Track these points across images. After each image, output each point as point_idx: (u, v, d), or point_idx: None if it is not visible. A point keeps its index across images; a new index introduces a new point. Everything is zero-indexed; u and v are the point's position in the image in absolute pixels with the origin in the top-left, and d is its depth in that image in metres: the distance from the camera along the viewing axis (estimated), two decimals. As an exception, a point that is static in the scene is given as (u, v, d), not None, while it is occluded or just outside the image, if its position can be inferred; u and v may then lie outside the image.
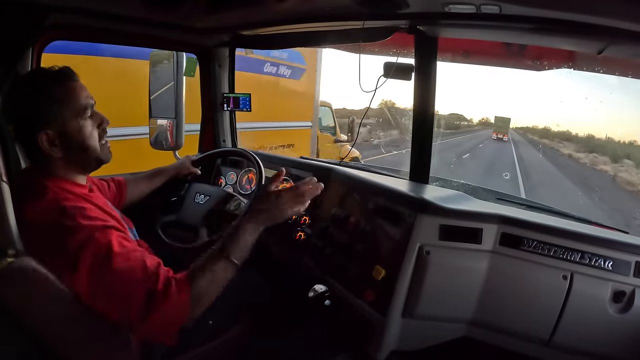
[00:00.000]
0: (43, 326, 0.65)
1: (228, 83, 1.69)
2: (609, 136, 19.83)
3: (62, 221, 0.68)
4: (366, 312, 0.98)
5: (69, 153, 0.77)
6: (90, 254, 0.67)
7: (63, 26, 1.17)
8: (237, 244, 0.79)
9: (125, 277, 0.67)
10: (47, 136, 0.74)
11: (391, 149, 12.15)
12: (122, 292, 0.67)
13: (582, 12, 0.80)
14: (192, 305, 0.70)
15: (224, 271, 0.76)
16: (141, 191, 1.27)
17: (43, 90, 0.74)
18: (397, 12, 1.02)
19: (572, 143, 21.04)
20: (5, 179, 0.63)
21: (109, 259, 0.67)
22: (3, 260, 0.61)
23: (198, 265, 0.75)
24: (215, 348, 1.04)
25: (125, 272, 0.67)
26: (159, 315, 0.66)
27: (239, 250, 0.79)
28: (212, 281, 0.74)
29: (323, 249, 1.15)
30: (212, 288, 0.74)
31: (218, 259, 0.76)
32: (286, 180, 1.37)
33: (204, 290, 0.72)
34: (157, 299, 0.66)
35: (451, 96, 25.52)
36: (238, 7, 1.16)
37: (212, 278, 0.74)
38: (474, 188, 1.39)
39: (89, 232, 0.68)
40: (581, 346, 0.89)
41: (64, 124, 0.76)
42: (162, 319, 0.67)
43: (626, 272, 0.86)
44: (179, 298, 0.68)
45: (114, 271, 0.66)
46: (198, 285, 0.71)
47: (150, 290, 0.67)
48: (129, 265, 0.68)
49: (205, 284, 0.73)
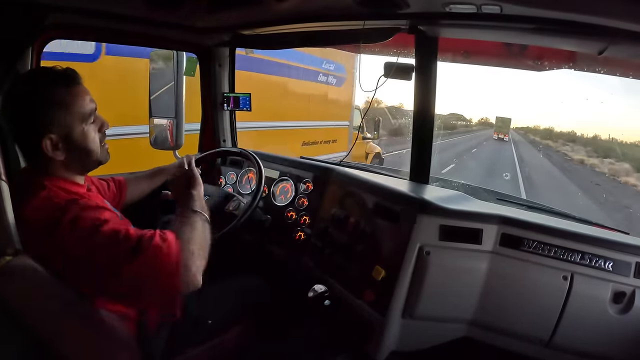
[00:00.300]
0: (42, 324, 0.65)
1: (228, 83, 1.69)
2: (612, 137, 17.64)
3: (58, 216, 0.68)
4: (366, 312, 0.98)
5: (71, 156, 0.77)
6: (81, 223, 0.67)
7: (63, 25, 1.17)
8: (194, 202, 0.85)
9: (113, 236, 0.66)
10: (51, 141, 0.73)
11: (390, 149, 12.09)
12: (109, 249, 0.66)
13: (582, 13, 0.80)
14: (186, 257, 0.68)
15: (201, 225, 0.78)
16: (142, 190, 1.27)
17: (48, 94, 0.73)
18: (398, 12, 1.02)
19: (579, 145, 18.08)
20: (5, 178, 0.63)
21: (98, 225, 0.67)
22: (2, 259, 0.61)
23: (176, 227, 0.76)
24: (215, 348, 1.04)
25: (113, 233, 0.67)
26: (147, 257, 0.65)
27: (199, 205, 0.84)
28: (193, 234, 0.74)
29: (323, 249, 1.15)
30: (197, 240, 0.73)
31: (189, 216, 0.79)
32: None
33: (191, 244, 0.71)
34: (144, 244, 0.66)
35: (451, 96, 25.49)
36: (238, 6, 1.16)
37: (193, 231, 0.75)
38: (474, 188, 1.38)
39: (76, 211, 0.68)
40: (581, 347, 0.89)
41: (69, 129, 0.75)
42: (152, 262, 0.65)
43: (626, 273, 0.86)
44: (168, 241, 0.67)
45: (102, 233, 0.66)
46: (183, 238, 0.71)
47: (137, 239, 0.67)
48: (117, 227, 0.68)
49: (191, 237, 0.73)
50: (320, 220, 1.23)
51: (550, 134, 18.47)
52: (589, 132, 24.85)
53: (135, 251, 0.65)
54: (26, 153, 0.78)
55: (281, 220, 1.33)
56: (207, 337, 1.02)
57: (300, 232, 1.28)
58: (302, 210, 1.32)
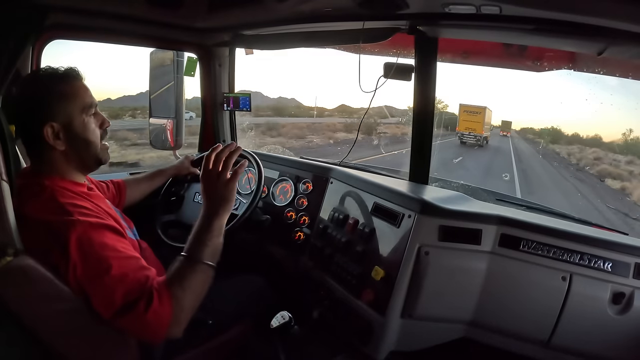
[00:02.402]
0: (42, 325, 0.65)
1: (228, 82, 1.70)
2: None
3: (59, 218, 0.69)
4: (365, 312, 0.98)
5: (71, 147, 0.79)
6: (83, 252, 0.67)
7: (63, 25, 1.17)
8: (205, 246, 0.77)
9: (111, 279, 0.66)
10: (52, 129, 0.76)
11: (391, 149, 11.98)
12: (104, 289, 0.66)
13: (582, 13, 0.80)
14: (176, 315, 0.69)
15: (202, 276, 0.74)
16: (142, 192, 1.27)
17: (51, 86, 0.77)
18: (397, 13, 1.02)
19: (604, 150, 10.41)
20: (5, 178, 0.64)
21: (101, 258, 0.67)
22: (2, 259, 0.61)
23: (173, 276, 0.72)
24: (215, 348, 1.04)
25: (113, 275, 0.67)
26: (135, 320, 0.66)
27: (210, 252, 0.77)
28: (190, 290, 0.72)
29: (322, 249, 1.15)
30: (192, 297, 0.72)
31: (191, 265, 0.74)
32: None
33: (185, 302, 0.71)
34: (137, 307, 0.66)
35: (451, 96, 25.54)
36: (238, 7, 1.17)
37: (190, 286, 0.72)
38: (473, 189, 1.38)
39: (84, 228, 0.68)
40: (580, 347, 0.89)
41: (70, 118, 0.78)
42: (140, 324, 0.67)
43: (625, 274, 0.86)
44: (160, 310, 0.67)
45: (104, 270, 0.66)
46: (178, 296, 0.70)
47: (132, 297, 0.66)
48: (120, 271, 0.68)
49: (185, 294, 0.71)
50: (319, 220, 1.23)
51: (558, 136, 16.23)
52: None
53: (129, 308, 0.66)
54: (28, 144, 0.79)
55: (281, 220, 1.34)
56: (207, 337, 1.02)
57: (299, 232, 1.28)
58: (301, 211, 1.32)
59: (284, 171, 1.42)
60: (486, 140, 10.45)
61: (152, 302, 0.66)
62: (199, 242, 0.77)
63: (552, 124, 21.29)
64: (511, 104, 40.74)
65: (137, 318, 0.66)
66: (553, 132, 14.82)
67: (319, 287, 1.12)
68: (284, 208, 1.35)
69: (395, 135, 11.72)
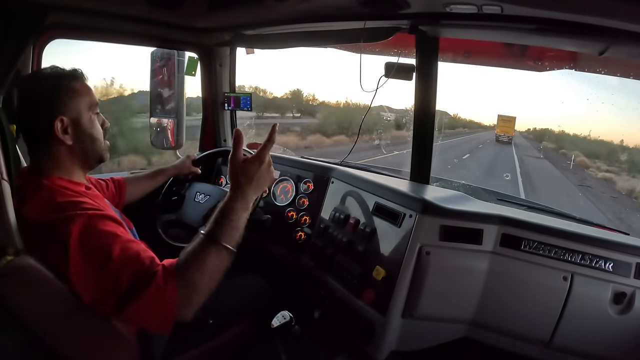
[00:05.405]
0: (42, 324, 0.65)
1: (229, 82, 1.70)
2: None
3: (57, 216, 0.68)
4: (366, 312, 0.98)
5: (78, 142, 0.81)
6: (84, 244, 0.66)
7: (64, 25, 1.17)
8: (227, 227, 0.73)
9: (115, 263, 0.66)
10: (62, 123, 0.78)
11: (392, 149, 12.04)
12: (108, 276, 0.65)
13: (583, 13, 0.80)
14: (182, 297, 0.67)
15: (217, 259, 0.71)
16: (143, 190, 1.27)
17: (62, 82, 0.80)
18: (398, 12, 1.02)
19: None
20: (6, 178, 0.64)
21: (103, 245, 0.67)
22: (3, 258, 0.61)
23: (186, 255, 0.70)
24: (215, 348, 1.04)
25: (116, 259, 0.66)
26: (142, 304, 0.65)
27: (231, 233, 0.73)
28: (203, 271, 0.69)
29: (323, 249, 1.15)
30: (204, 279, 0.69)
31: (208, 246, 0.71)
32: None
33: (196, 283, 0.68)
34: (141, 288, 0.65)
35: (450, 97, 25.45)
36: (239, 6, 1.16)
37: (203, 267, 0.69)
38: (474, 189, 1.38)
39: (83, 221, 0.68)
40: (581, 347, 0.89)
41: (79, 114, 0.81)
42: (146, 308, 0.65)
43: (627, 274, 0.86)
44: (165, 289, 0.65)
45: (106, 257, 0.66)
46: (187, 277, 0.67)
47: (136, 278, 0.65)
48: (124, 254, 0.67)
49: (197, 275, 0.68)
50: (320, 220, 1.23)
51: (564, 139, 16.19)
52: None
53: (135, 290, 0.65)
54: (34, 137, 0.80)
55: (282, 220, 1.34)
56: (207, 337, 1.02)
57: (300, 232, 1.28)
58: (302, 210, 1.32)
59: (285, 171, 1.42)
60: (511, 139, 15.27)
61: (158, 282, 0.65)
62: (219, 224, 0.73)
63: (552, 124, 21.46)
64: (511, 104, 40.72)
65: (144, 301, 0.64)
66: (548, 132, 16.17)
67: (320, 286, 1.12)
68: (285, 208, 1.35)
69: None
